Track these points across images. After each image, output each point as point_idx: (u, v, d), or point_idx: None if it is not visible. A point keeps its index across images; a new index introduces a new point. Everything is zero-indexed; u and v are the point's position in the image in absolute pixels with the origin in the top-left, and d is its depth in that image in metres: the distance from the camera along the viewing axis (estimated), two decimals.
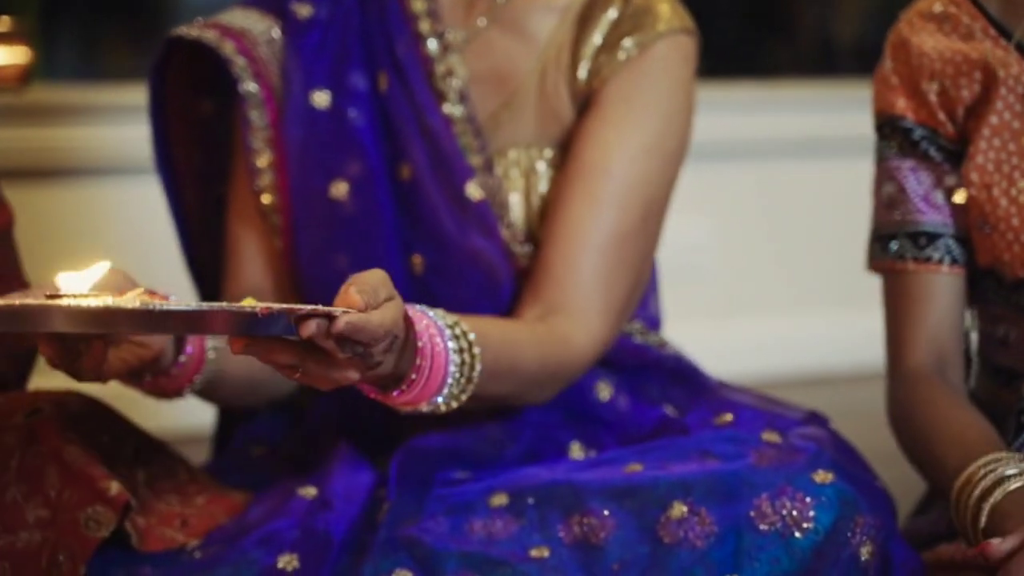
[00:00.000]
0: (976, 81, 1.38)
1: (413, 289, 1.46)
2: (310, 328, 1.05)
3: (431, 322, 1.23)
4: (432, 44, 1.48)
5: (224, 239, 1.55)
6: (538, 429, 1.46)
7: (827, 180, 3.34)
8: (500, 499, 1.32)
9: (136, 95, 2.70)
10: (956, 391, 1.42)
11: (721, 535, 1.23)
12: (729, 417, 1.40)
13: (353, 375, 1.12)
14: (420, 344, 1.20)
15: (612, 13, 1.47)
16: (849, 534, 1.22)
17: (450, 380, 1.24)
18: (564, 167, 1.46)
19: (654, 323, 1.57)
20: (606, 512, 1.27)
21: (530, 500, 1.30)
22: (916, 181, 1.43)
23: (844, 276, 3.36)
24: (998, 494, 1.22)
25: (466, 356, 1.26)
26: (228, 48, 1.48)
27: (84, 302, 1.01)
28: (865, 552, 1.21)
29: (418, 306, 1.24)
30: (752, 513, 1.23)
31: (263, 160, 1.49)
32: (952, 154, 1.42)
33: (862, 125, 3.29)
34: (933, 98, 1.41)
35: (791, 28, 3.83)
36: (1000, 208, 1.36)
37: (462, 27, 1.50)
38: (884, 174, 1.46)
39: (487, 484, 1.35)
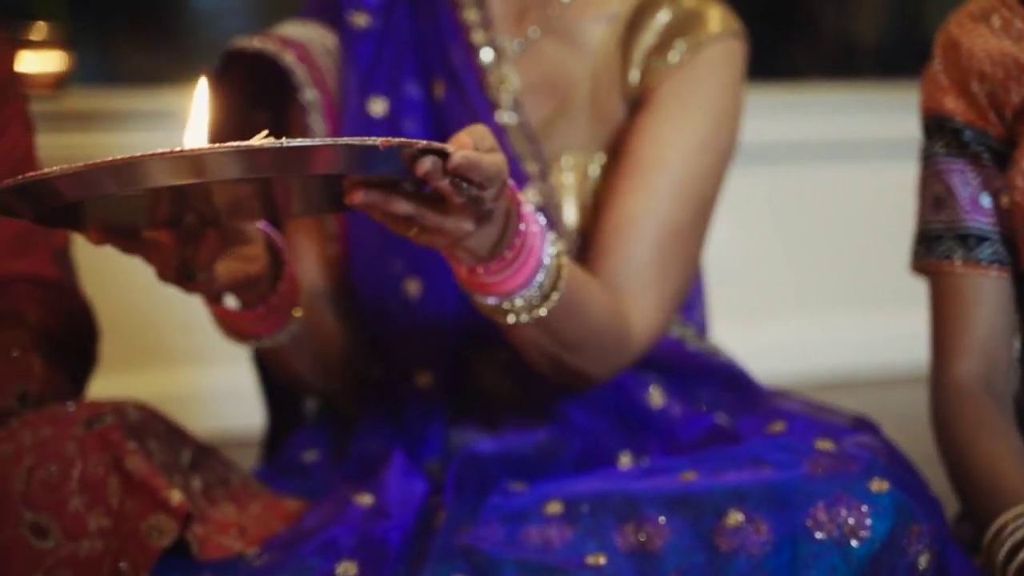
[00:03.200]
0: None
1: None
2: (426, 164, 1.03)
3: (534, 217, 1.23)
4: (486, 53, 1.50)
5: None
6: (588, 436, 1.47)
7: (849, 182, 3.35)
8: (555, 507, 1.32)
9: (156, 101, 2.74)
10: (1002, 407, 1.41)
11: (777, 543, 1.24)
12: (781, 426, 1.41)
13: (467, 225, 1.11)
14: (522, 227, 1.19)
15: (663, 17, 1.49)
16: (906, 543, 1.22)
17: (538, 277, 1.23)
18: (619, 162, 1.47)
19: (701, 329, 1.58)
20: (662, 520, 1.27)
21: (585, 508, 1.31)
22: (964, 182, 1.43)
23: (868, 279, 3.38)
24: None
25: (556, 263, 1.25)
26: (289, 58, 1.50)
27: (180, 149, 0.97)
28: (923, 560, 1.22)
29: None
30: (808, 522, 1.24)
31: None
32: (1000, 156, 1.42)
33: (884, 127, 3.32)
34: (983, 100, 1.41)
35: (812, 30, 3.84)
36: None
37: (515, 36, 1.51)
38: (931, 174, 1.46)
39: (541, 493, 1.36)
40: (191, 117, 1.10)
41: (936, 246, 1.44)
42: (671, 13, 1.49)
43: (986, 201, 1.43)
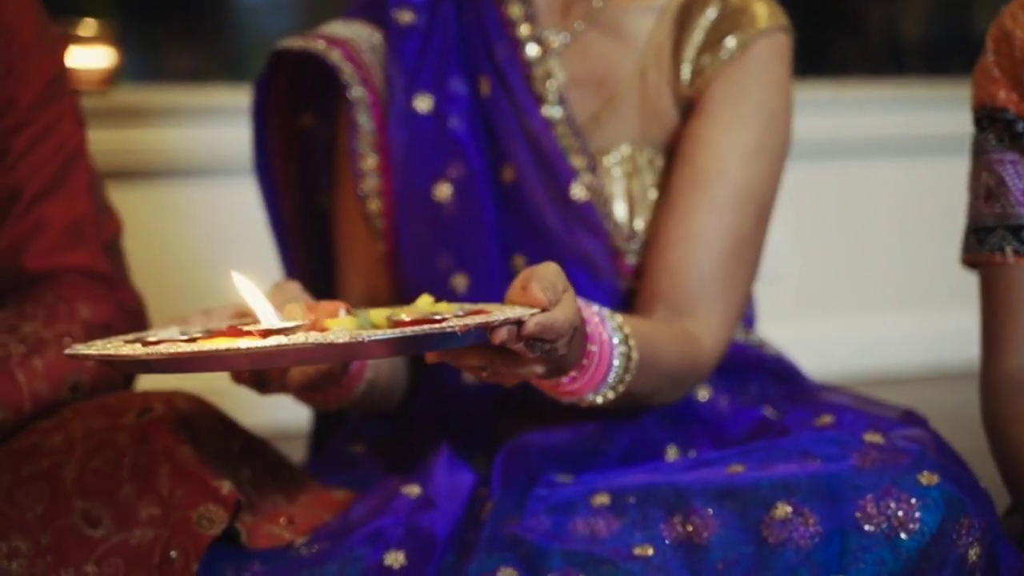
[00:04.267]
0: None
1: None
2: (501, 335, 1.08)
3: (595, 311, 1.27)
4: (531, 48, 1.51)
5: (332, 248, 1.59)
6: (635, 429, 1.47)
7: (896, 179, 3.33)
8: (602, 499, 1.32)
9: (201, 97, 2.76)
10: None
11: (826, 536, 1.23)
12: (829, 419, 1.40)
13: (539, 369, 1.16)
14: (589, 331, 1.24)
15: (711, 13, 1.49)
16: (955, 536, 1.21)
17: (614, 368, 1.28)
18: (678, 172, 1.48)
19: (749, 322, 1.58)
20: (710, 511, 1.27)
21: (632, 500, 1.31)
22: (1017, 174, 1.43)
23: (916, 275, 3.36)
24: None
25: (625, 346, 1.29)
26: (335, 56, 1.51)
27: (307, 337, 1.02)
28: (973, 554, 1.21)
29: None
30: (857, 514, 1.23)
31: (369, 164, 1.52)
32: None
33: (931, 124, 3.30)
34: None
35: (859, 27, 3.82)
36: None
37: (560, 30, 1.51)
38: (983, 166, 1.45)
39: (588, 485, 1.36)
40: (260, 304, 1.13)
41: (987, 238, 1.44)
42: (719, 9, 1.49)
43: None
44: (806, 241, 3.25)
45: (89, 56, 2.57)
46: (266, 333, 1.05)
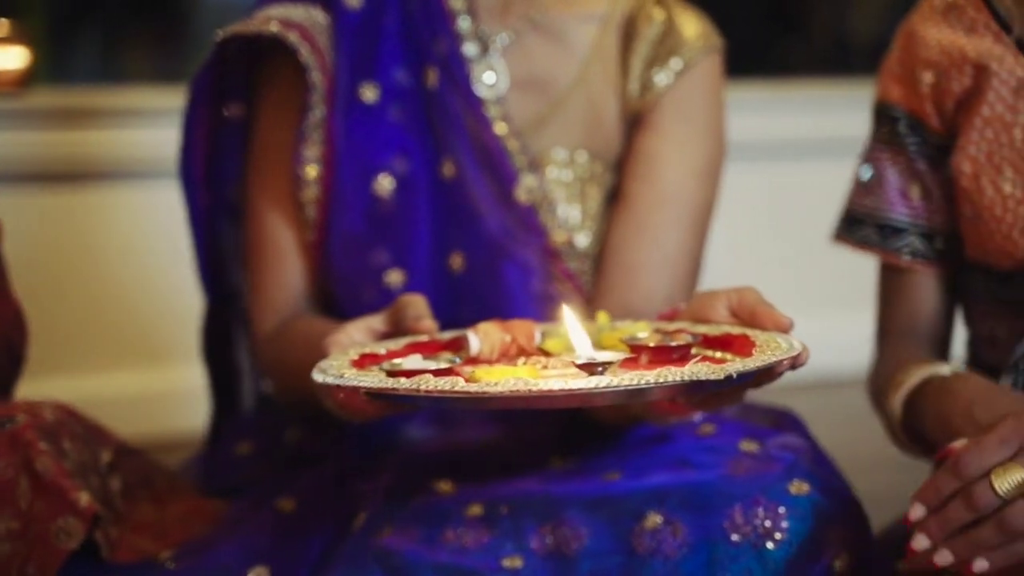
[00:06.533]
0: (967, 75, 1.38)
1: (450, 288, 1.46)
2: (785, 367, 1.08)
3: None
4: (471, 45, 1.50)
5: (248, 239, 1.56)
6: (520, 437, 1.45)
7: (840, 180, 3.32)
8: (475, 509, 1.31)
9: (121, 98, 2.73)
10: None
11: (694, 545, 1.22)
12: (711, 428, 1.39)
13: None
14: None
15: (655, 28, 1.50)
16: (823, 545, 1.20)
17: None
18: (640, 191, 1.49)
19: None
20: (580, 522, 1.26)
21: (504, 510, 1.29)
22: (894, 173, 1.45)
23: (857, 278, 3.35)
24: (916, 378, 1.32)
25: None
26: (293, 37, 1.48)
27: (612, 381, 1.01)
28: (839, 564, 1.20)
29: None
30: (726, 524, 1.22)
31: (312, 151, 1.49)
32: (935, 149, 1.43)
33: None
34: (925, 88, 1.41)
35: (806, 26, 3.81)
36: (986, 197, 1.37)
37: (500, 29, 1.51)
38: (867, 159, 1.48)
39: (465, 495, 1.34)
40: (580, 337, 1.14)
41: (857, 229, 1.48)
42: (663, 25, 1.50)
43: (913, 193, 1.44)
44: (751, 242, 3.24)
45: (2, 57, 2.54)
46: (588, 368, 1.04)
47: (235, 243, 1.62)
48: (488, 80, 1.50)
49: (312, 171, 1.49)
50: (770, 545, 1.21)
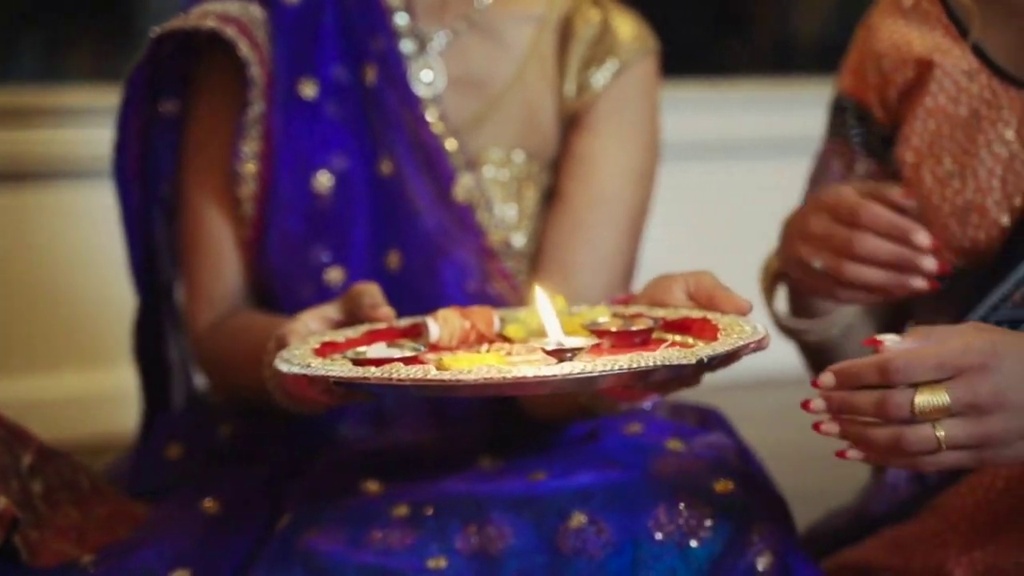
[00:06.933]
0: (910, 69, 1.40)
1: (388, 286, 1.45)
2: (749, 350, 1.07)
3: None
4: (409, 42, 1.50)
5: (183, 235, 1.54)
6: (451, 437, 1.45)
7: (783, 179, 3.32)
8: (401, 510, 1.30)
9: (93, 97, 2.71)
10: None
11: (619, 545, 1.22)
12: (638, 427, 1.39)
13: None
14: None
15: (591, 30, 1.51)
16: (747, 544, 1.20)
17: None
18: (577, 192, 1.49)
19: None
20: (505, 522, 1.25)
21: (429, 511, 1.28)
22: (837, 163, 1.47)
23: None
24: None
25: None
26: (231, 32, 1.47)
27: (575, 367, 1.00)
28: (762, 562, 1.20)
29: None
30: (650, 523, 1.22)
31: (251, 147, 1.48)
32: (878, 140, 1.44)
33: (821, 124, 3.30)
34: (872, 79, 1.43)
35: (749, 26, 3.81)
36: (925, 187, 1.38)
37: (438, 27, 1.50)
38: (820, 150, 1.49)
39: (392, 495, 1.33)
40: (552, 323, 1.13)
41: None
42: (599, 26, 1.51)
43: (853, 183, 1.44)
44: (691, 242, 3.24)
45: None
46: (557, 354, 1.03)
47: (168, 240, 1.61)
48: (426, 78, 1.49)
49: (250, 167, 1.49)
50: (694, 544, 1.21)
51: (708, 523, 1.21)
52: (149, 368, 1.63)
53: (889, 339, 1.03)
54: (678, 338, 1.13)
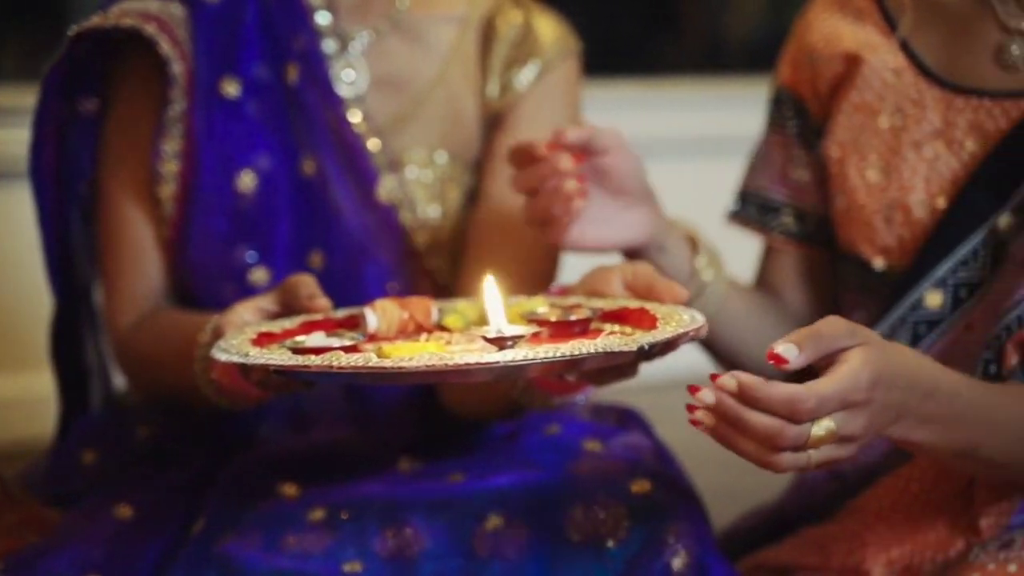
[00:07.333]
0: (839, 63, 1.41)
1: None
2: (688, 338, 1.06)
3: None
4: (331, 41, 1.48)
5: (103, 235, 1.52)
6: (370, 439, 1.44)
7: (715, 178, 3.33)
8: (318, 513, 1.29)
9: (20, 97, 2.67)
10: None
11: (535, 546, 1.22)
12: (556, 428, 1.39)
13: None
14: None
15: (513, 31, 1.51)
16: (662, 544, 1.20)
17: None
18: (495, 190, 1.48)
19: None
20: (422, 525, 1.25)
21: (346, 514, 1.28)
22: (777, 153, 1.48)
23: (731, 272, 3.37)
24: None
25: None
26: (151, 29, 1.44)
27: (509, 354, 0.99)
28: (678, 563, 1.20)
29: None
30: (567, 523, 1.22)
31: (172, 146, 1.46)
32: (813, 133, 1.45)
33: (752, 123, 3.31)
34: (806, 72, 1.44)
35: (680, 26, 3.82)
36: (850, 183, 1.39)
37: (360, 27, 1.49)
38: (760, 140, 1.51)
39: (308, 497, 1.32)
40: (496, 312, 1.11)
41: (742, 208, 1.52)
42: (521, 27, 1.51)
43: (792, 174, 1.47)
44: None
45: None
46: (498, 342, 1.02)
47: (85, 241, 1.58)
48: (348, 78, 1.48)
49: (170, 166, 1.47)
50: (610, 544, 1.21)
51: (624, 524, 1.21)
52: (66, 371, 1.61)
53: (786, 350, 1.01)
54: (617, 328, 1.12)
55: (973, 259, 1.30)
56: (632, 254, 1.36)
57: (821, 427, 1.00)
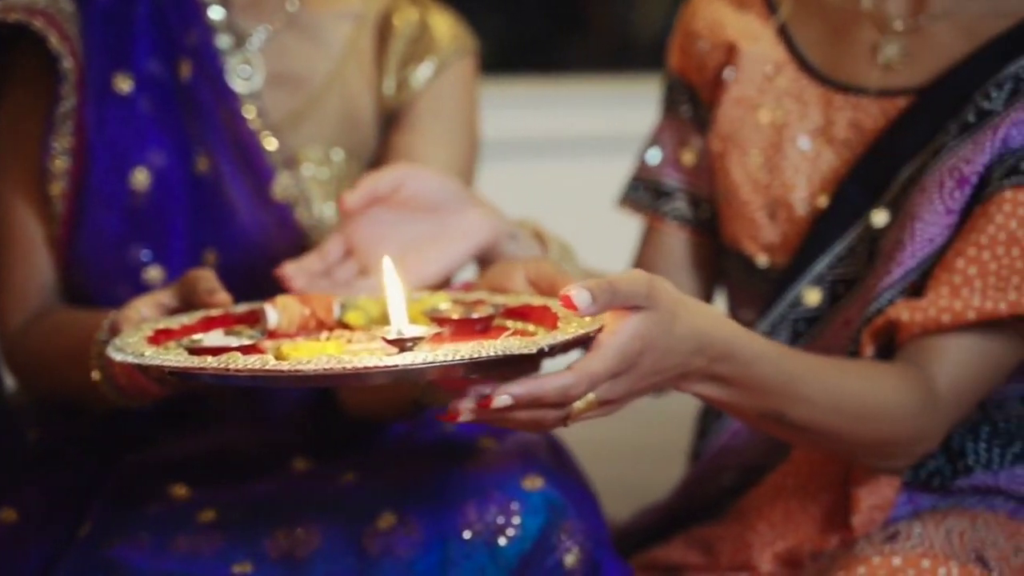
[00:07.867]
0: (721, 52, 1.42)
1: None
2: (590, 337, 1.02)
3: None
4: (225, 37, 1.47)
5: None
6: (265, 439, 1.42)
7: (621, 178, 3.35)
8: (209, 515, 1.28)
9: None
10: None
11: (427, 544, 1.21)
12: (452, 425, 1.37)
13: None
14: None
15: (409, 28, 1.50)
16: (555, 540, 1.21)
17: None
18: None
19: None
20: (313, 525, 1.24)
21: (237, 515, 1.26)
22: (669, 138, 1.48)
23: None
24: None
25: None
26: (39, 23, 1.42)
27: (433, 355, 0.97)
28: (570, 559, 1.20)
29: None
30: (459, 521, 1.22)
31: (62, 143, 1.43)
32: (704, 120, 1.46)
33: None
34: (694, 60, 1.45)
35: (588, 24, 3.83)
36: (731, 178, 1.39)
37: (256, 23, 1.48)
38: (656, 124, 1.52)
39: (199, 499, 1.31)
40: (398, 309, 1.08)
41: (633, 192, 1.52)
42: (417, 25, 1.51)
43: (683, 158, 1.48)
44: None
45: None
46: (398, 344, 1.00)
47: None
48: (243, 74, 1.47)
49: (61, 164, 1.44)
50: (503, 541, 1.20)
51: (517, 520, 1.20)
52: None
53: (578, 296, 0.99)
54: (519, 326, 1.12)
55: (850, 256, 1.31)
56: (489, 258, 1.32)
57: (583, 400, 1.00)
